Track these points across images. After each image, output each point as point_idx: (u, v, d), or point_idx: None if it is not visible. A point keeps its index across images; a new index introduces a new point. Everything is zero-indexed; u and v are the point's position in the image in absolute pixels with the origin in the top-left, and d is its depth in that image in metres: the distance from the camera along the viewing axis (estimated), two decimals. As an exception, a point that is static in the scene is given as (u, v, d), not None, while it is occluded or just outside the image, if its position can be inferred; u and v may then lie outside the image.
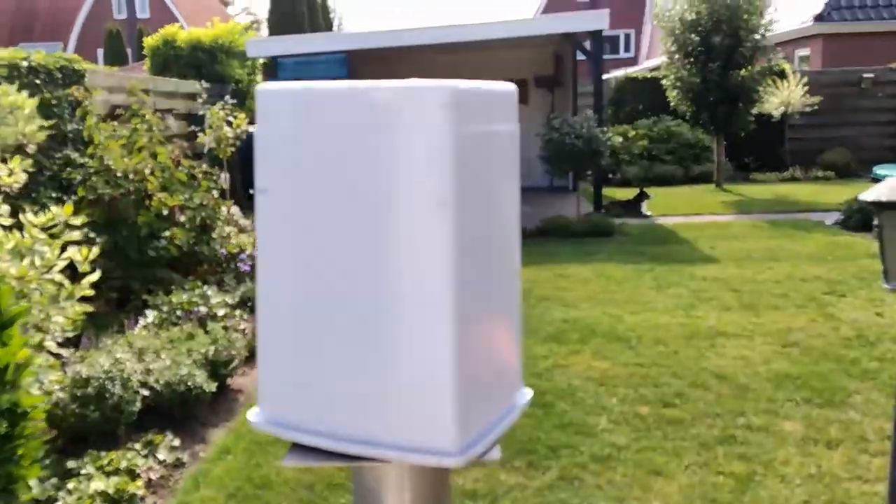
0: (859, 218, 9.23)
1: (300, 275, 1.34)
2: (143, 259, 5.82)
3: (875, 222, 2.22)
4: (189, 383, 4.14)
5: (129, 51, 29.94)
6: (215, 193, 6.81)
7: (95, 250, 3.29)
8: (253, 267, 6.27)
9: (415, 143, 1.21)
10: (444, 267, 1.21)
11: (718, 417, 4.03)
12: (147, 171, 6.06)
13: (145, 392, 4.05)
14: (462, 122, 1.22)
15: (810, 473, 3.42)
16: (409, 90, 1.22)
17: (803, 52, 18.96)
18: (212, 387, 4.27)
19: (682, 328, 5.61)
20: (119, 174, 5.88)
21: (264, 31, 25.83)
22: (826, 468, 3.45)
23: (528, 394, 1.44)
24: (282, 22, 20.33)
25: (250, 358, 4.92)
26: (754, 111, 13.46)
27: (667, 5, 13.25)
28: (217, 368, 4.49)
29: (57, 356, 3.43)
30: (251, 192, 1.35)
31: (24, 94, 3.57)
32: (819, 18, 17.91)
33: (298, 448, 1.31)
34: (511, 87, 1.40)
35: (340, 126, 1.28)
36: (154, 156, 6.26)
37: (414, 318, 1.25)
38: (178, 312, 5.14)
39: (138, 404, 3.94)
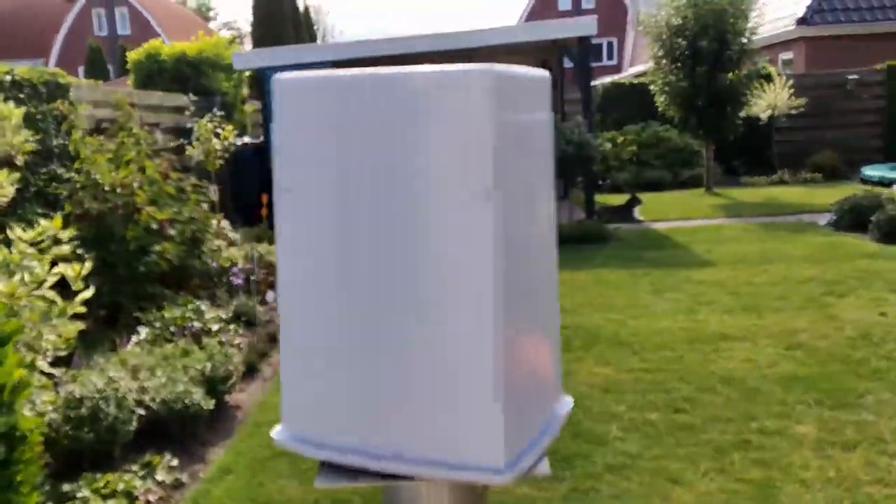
0: (851, 218, 9.23)
1: (329, 281, 1.23)
2: (133, 274, 5.67)
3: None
4: (186, 401, 4.01)
5: (110, 67, 29.77)
6: (205, 206, 6.68)
7: (88, 265, 3.17)
8: (246, 280, 6.14)
9: (454, 132, 1.11)
10: (487, 266, 1.11)
11: (731, 422, 3.95)
12: (135, 185, 5.92)
13: (141, 411, 3.91)
14: (502, 109, 1.12)
15: (830, 477, 3.33)
16: (446, 75, 1.12)
17: (786, 55, 19.04)
18: (210, 404, 4.14)
19: (684, 332, 5.53)
20: (106, 188, 5.74)
21: (248, 45, 25.70)
22: (846, 471, 3.37)
23: (568, 402, 1.35)
24: (266, 36, 20.21)
25: (248, 373, 4.80)
26: (742, 114, 13.47)
27: (652, 11, 13.25)
28: (214, 385, 4.36)
29: (49, 376, 3.30)
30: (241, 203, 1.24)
31: (11, 104, 3.45)
32: (802, 22, 17.99)
33: (329, 467, 1.21)
34: (545, 73, 1.31)
35: (370, 117, 1.17)
36: (142, 169, 6.13)
37: (455, 323, 1.14)
38: (172, 328, 5.01)
39: (134, 424, 3.81)
